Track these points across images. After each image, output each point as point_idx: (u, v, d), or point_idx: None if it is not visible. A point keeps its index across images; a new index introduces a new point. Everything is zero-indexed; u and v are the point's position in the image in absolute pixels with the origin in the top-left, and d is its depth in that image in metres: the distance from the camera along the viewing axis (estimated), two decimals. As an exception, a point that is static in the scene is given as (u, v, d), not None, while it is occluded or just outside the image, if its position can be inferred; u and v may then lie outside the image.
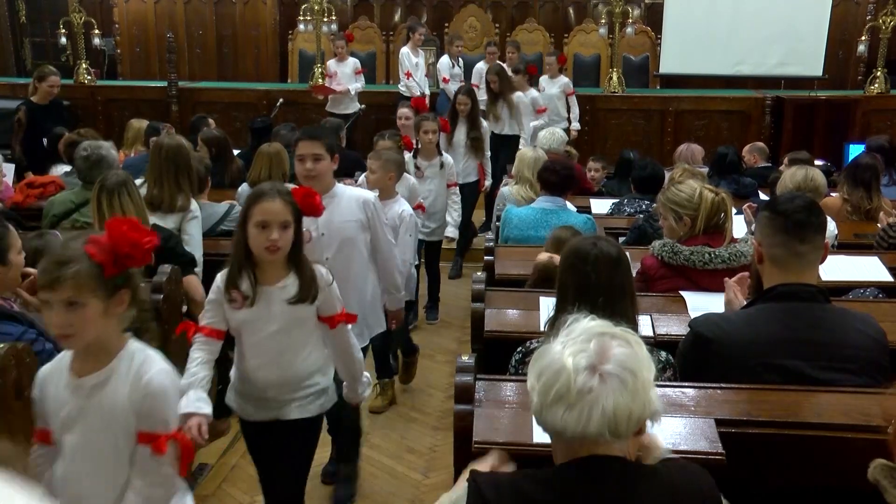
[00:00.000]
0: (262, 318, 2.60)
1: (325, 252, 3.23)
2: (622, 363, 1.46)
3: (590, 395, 1.43)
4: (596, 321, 1.55)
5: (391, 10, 10.79)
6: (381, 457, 3.81)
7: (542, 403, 1.48)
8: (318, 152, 3.23)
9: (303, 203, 2.58)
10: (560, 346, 1.50)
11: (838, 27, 9.60)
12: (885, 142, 5.69)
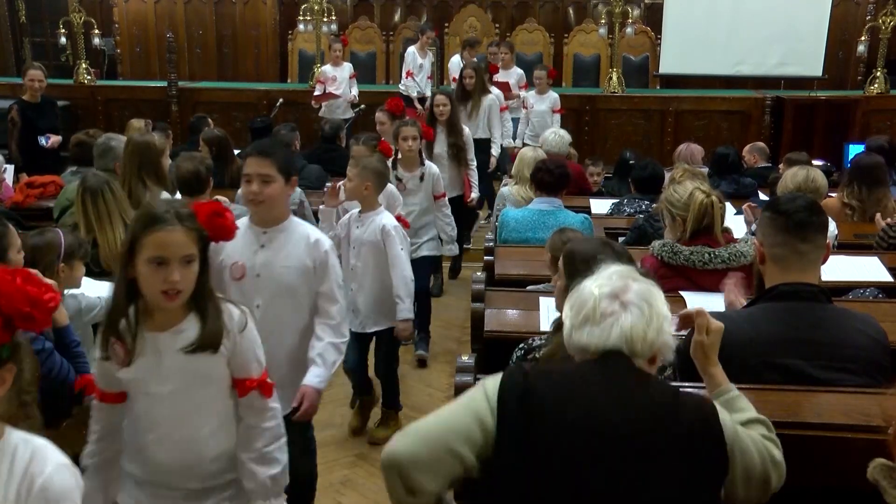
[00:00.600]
0: (151, 374, 2.00)
1: (256, 297, 2.65)
2: (641, 295, 1.71)
3: (611, 317, 1.68)
4: (622, 266, 1.82)
5: (391, 10, 10.79)
6: (379, 456, 3.81)
7: (572, 326, 1.72)
8: (268, 173, 2.62)
9: (209, 225, 2.01)
10: (590, 282, 1.76)
11: (838, 27, 9.61)
12: (884, 142, 5.69)
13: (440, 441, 1.59)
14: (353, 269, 3.82)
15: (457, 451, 1.58)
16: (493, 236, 4.14)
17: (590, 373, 1.67)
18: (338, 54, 8.06)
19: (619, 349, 1.66)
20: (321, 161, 5.92)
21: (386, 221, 3.78)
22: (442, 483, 1.60)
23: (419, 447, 1.60)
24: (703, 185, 3.11)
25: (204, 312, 2.00)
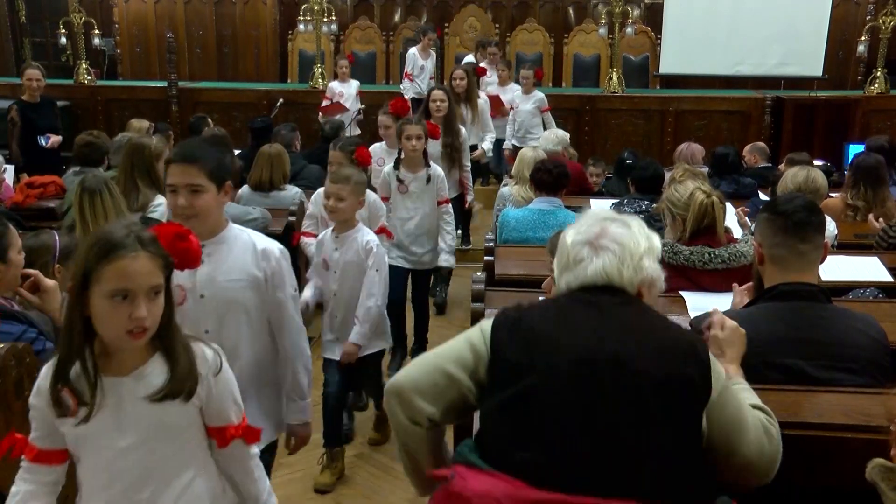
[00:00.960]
0: (109, 426, 1.71)
1: (203, 322, 2.30)
2: (615, 238, 1.74)
3: (584, 262, 1.73)
4: (600, 209, 1.87)
5: (391, 10, 10.79)
6: (380, 456, 3.81)
7: (556, 278, 1.81)
8: (196, 182, 2.26)
9: (173, 250, 1.75)
10: (569, 230, 1.81)
11: (838, 27, 9.61)
12: (884, 142, 5.69)
13: (435, 365, 1.70)
14: (335, 296, 3.55)
15: (449, 371, 1.67)
16: (493, 236, 4.13)
17: (574, 301, 1.73)
18: (344, 70, 7.89)
19: (597, 283, 1.72)
20: (321, 161, 5.91)
21: (370, 238, 3.53)
22: (440, 407, 1.67)
23: (417, 373, 1.70)
24: (703, 185, 3.11)
25: (171, 352, 1.73)
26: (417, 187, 4.58)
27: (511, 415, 1.61)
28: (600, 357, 1.60)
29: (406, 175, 4.59)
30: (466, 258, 6.46)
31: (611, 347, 1.61)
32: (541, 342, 1.65)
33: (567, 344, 1.63)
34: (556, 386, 1.59)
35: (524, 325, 1.68)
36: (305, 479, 3.56)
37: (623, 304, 1.70)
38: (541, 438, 1.56)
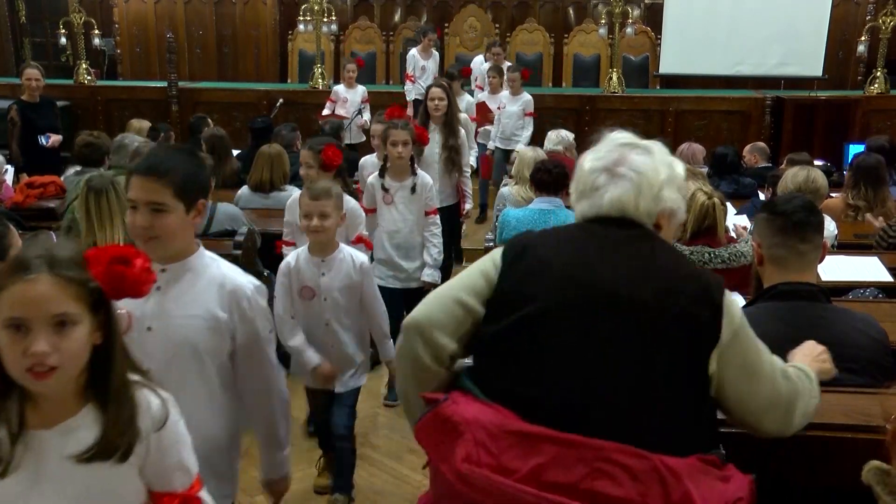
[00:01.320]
0: (25, 489, 1.42)
1: (145, 359, 1.76)
2: (634, 166, 1.67)
3: (601, 189, 1.67)
4: (622, 133, 1.76)
5: (391, 10, 10.79)
6: (381, 457, 3.81)
7: (573, 203, 1.76)
8: (160, 200, 1.91)
9: (107, 276, 1.45)
10: (588, 155, 1.75)
11: (838, 27, 9.61)
12: (885, 142, 5.70)
13: (451, 297, 1.65)
14: (327, 326, 3.20)
15: (463, 300, 1.62)
16: (493, 236, 4.13)
17: (585, 231, 1.69)
18: (351, 75, 7.65)
19: (611, 214, 1.66)
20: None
21: (360, 257, 3.24)
22: (460, 343, 1.63)
23: (435, 307, 1.65)
24: (704, 185, 3.11)
25: (107, 402, 1.44)
26: (403, 197, 4.24)
27: (507, 345, 1.56)
28: (603, 291, 1.55)
29: (391, 184, 4.25)
30: (467, 257, 6.46)
31: (616, 282, 1.55)
32: (544, 273, 1.60)
33: (570, 276, 1.58)
34: (553, 318, 1.55)
35: (529, 254, 1.64)
36: (305, 480, 3.56)
37: (635, 238, 1.64)
38: (534, 372, 1.52)
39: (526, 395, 1.50)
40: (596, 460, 1.40)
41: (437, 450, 1.50)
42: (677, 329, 1.54)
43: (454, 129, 5.11)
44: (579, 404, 1.48)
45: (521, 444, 1.43)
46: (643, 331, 1.52)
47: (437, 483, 1.54)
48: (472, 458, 1.42)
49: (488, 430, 1.44)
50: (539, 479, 1.39)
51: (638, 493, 1.38)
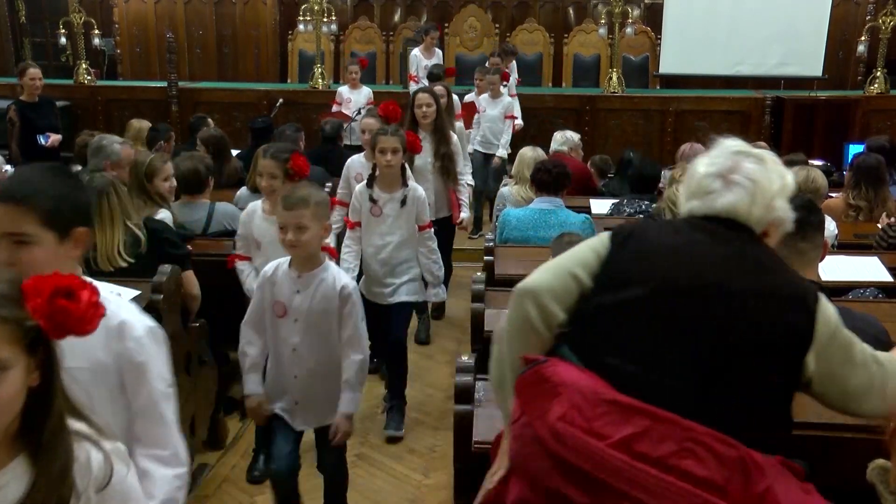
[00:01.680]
0: None
1: None
2: (748, 174, 1.70)
3: (714, 194, 1.71)
4: (735, 141, 1.80)
5: (391, 10, 10.79)
6: (381, 457, 3.81)
7: (681, 203, 1.79)
8: (22, 231, 1.62)
9: (47, 312, 1.26)
10: (701, 160, 1.80)
11: (838, 27, 9.61)
12: (885, 142, 5.69)
13: (563, 268, 1.71)
14: (295, 351, 2.82)
15: (576, 272, 1.69)
16: (492, 236, 4.14)
17: (693, 226, 1.72)
18: (354, 76, 7.45)
19: (722, 216, 1.69)
20: (320, 161, 5.92)
21: (344, 279, 2.82)
22: (565, 311, 1.68)
23: (548, 274, 1.72)
24: None
25: (39, 454, 1.26)
26: (392, 210, 3.92)
27: (608, 320, 1.63)
28: (706, 283, 1.60)
29: (380, 195, 3.92)
30: (466, 258, 6.46)
31: (718, 276, 1.60)
32: (650, 255, 1.67)
33: (677, 262, 1.64)
34: (656, 301, 1.60)
35: (637, 238, 1.71)
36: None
37: (742, 240, 1.68)
38: (632, 348, 1.58)
39: (621, 368, 1.56)
40: (685, 440, 1.44)
41: (532, 406, 1.55)
42: (771, 331, 1.58)
43: (445, 136, 4.77)
44: (671, 386, 1.53)
45: (615, 412, 1.48)
46: (740, 326, 1.57)
47: (522, 442, 1.57)
48: (566, 417, 1.48)
49: (584, 395, 1.50)
50: (629, 448, 1.44)
51: (722, 477, 1.41)
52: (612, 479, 1.41)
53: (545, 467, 1.49)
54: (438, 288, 4.11)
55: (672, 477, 1.40)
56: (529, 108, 8.06)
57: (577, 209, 4.44)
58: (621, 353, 1.58)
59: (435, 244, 4.06)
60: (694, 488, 1.39)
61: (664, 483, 1.39)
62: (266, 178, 3.53)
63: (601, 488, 1.42)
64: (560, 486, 1.46)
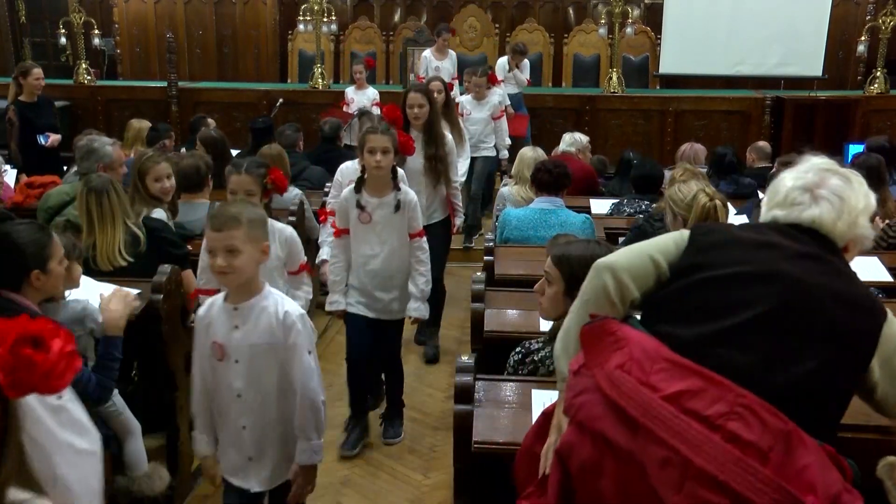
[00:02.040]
0: None
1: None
2: (835, 189, 1.76)
3: (800, 206, 1.76)
4: (822, 159, 1.85)
5: (391, 10, 10.79)
6: (381, 457, 3.81)
7: (764, 213, 1.84)
8: None
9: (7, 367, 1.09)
10: (788, 174, 1.83)
11: (838, 27, 9.62)
12: (884, 142, 5.70)
13: (644, 251, 1.79)
14: (240, 398, 2.43)
15: (655, 257, 1.77)
16: (492, 236, 4.14)
17: (776, 229, 1.77)
18: (359, 76, 7.29)
19: (804, 225, 1.75)
20: (319, 161, 5.92)
21: (288, 306, 2.41)
22: (640, 290, 1.76)
23: (629, 254, 1.80)
24: (707, 187, 3.09)
25: None
26: (383, 216, 3.59)
27: (679, 298, 1.70)
28: (782, 272, 1.65)
29: (369, 200, 3.58)
30: (466, 258, 6.46)
31: (796, 270, 1.65)
32: (728, 246, 1.74)
33: (754, 253, 1.70)
34: (729, 282, 1.66)
35: (718, 232, 1.81)
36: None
37: (822, 248, 1.73)
38: (699, 321, 1.63)
39: (687, 337, 1.62)
40: (737, 405, 1.47)
41: (594, 355, 1.60)
42: (843, 329, 1.62)
43: (437, 136, 4.43)
44: (734, 360, 1.57)
45: (672, 370, 1.53)
46: (814, 318, 1.62)
47: (579, 390, 1.61)
48: (625, 367, 1.54)
49: (646, 351, 1.56)
50: (679, 403, 1.48)
51: (766, 444, 1.43)
52: (657, 427, 1.45)
53: (596, 413, 1.53)
54: (420, 303, 3.67)
55: (717, 436, 1.44)
56: (530, 108, 8.07)
57: (578, 209, 4.45)
58: (688, 325, 1.64)
59: (426, 255, 3.70)
60: (735, 448, 1.42)
61: (706, 438, 1.43)
62: (241, 196, 3.14)
63: (644, 435, 1.46)
64: (606, 430, 1.51)
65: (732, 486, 1.38)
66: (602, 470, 1.51)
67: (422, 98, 4.42)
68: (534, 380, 2.42)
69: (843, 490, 1.44)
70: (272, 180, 3.22)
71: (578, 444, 1.55)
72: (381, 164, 3.48)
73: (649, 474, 1.44)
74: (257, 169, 3.21)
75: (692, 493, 1.40)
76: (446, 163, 4.47)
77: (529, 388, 2.33)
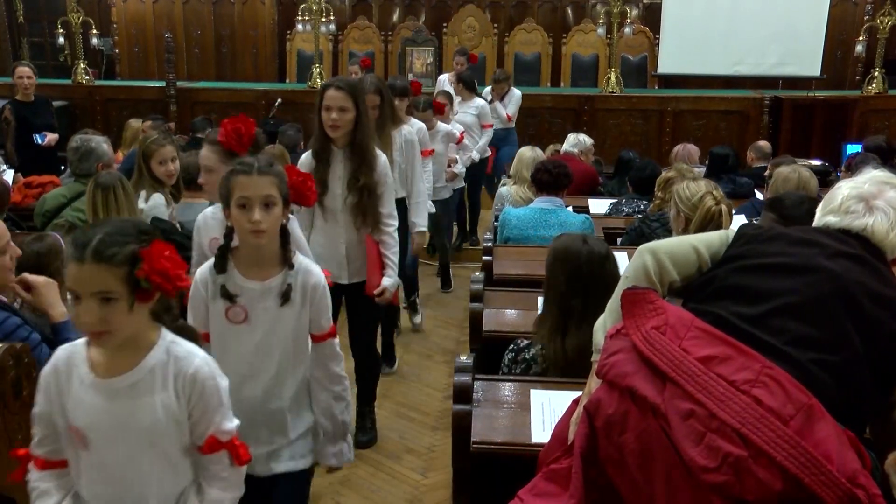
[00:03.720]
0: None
1: None
2: (890, 202, 1.80)
3: (854, 214, 1.80)
4: (883, 172, 1.89)
5: (389, 10, 10.79)
6: (379, 457, 3.81)
7: (818, 219, 1.88)
8: None
9: None
10: (845, 183, 1.88)
11: (836, 27, 9.62)
12: (882, 142, 5.71)
13: (687, 241, 1.90)
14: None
15: (697, 247, 1.86)
16: (491, 236, 4.14)
17: (825, 232, 1.81)
18: (355, 77, 6.71)
19: (856, 232, 1.78)
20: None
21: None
22: (680, 274, 1.86)
23: (671, 241, 1.93)
24: (716, 190, 3.07)
25: None
26: (266, 311, 2.24)
27: (717, 283, 1.76)
28: (823, 267, 1.68)
29: (243, 285, 2.22)
30: (465, 258, 6.46)
31: (835, 268, 1.68)
32: (771, 242, 1.79)
33: (796, 248, 1.74)
34: (767, 271, 1.71)
35: (764, 230, 1.88)
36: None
37: (871, 253, 1.75)
38: (735, 302, 1.69)
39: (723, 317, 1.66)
40: (763, 374, 1.50)
41: (633, 317, 1.66)
42: (879, 329, 1.65)
43: (366, 157, 3.28)
44: (766, 342, 1.60)
45: (704, 336, 1.58)
46: (847, 314, 1.63)
47: (613, 350, 1.65)
48: (660, 329, 1.60)
49: (682, 319, 1.62)
50: (707, 365, 1.52)
51: (787, 413, 1.45)
52: (685, 381, 1.49)
53: (628, 370, 1.57)
54: (341, 445, 2.42)
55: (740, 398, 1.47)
56: (528, 108, 8.05)
57: (576, 209, 4.45)
58: (724, 306, 1.69)
59: (339, 365, 2.36)
60: (758, 407, 1.45)
61: (732, 395, 1.46)
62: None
63: (671, 389, 1.50)
64: (635, 385, 1.54)
65: (752, 439, 1.41)
66: (626, 424, 1.54)
67: (344, 98, 3.19)
68: (532, 380, 2.43)
69: (860, 472, 1.45)
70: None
71: (606, 400, 1.58)
72: (260, 226, 2.12)
73: (672, 427, 1.47)
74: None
75: (712, 444, 1.42)
76: (376, 196, 3.32)
77: (528, 388, 2.34)
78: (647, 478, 1.50)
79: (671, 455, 1.46)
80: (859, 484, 1.41)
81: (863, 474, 1.44)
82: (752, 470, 1.40)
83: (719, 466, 1.41)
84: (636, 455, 1.51)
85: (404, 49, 8.87)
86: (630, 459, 1.52)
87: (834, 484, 1.39)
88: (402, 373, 4.62)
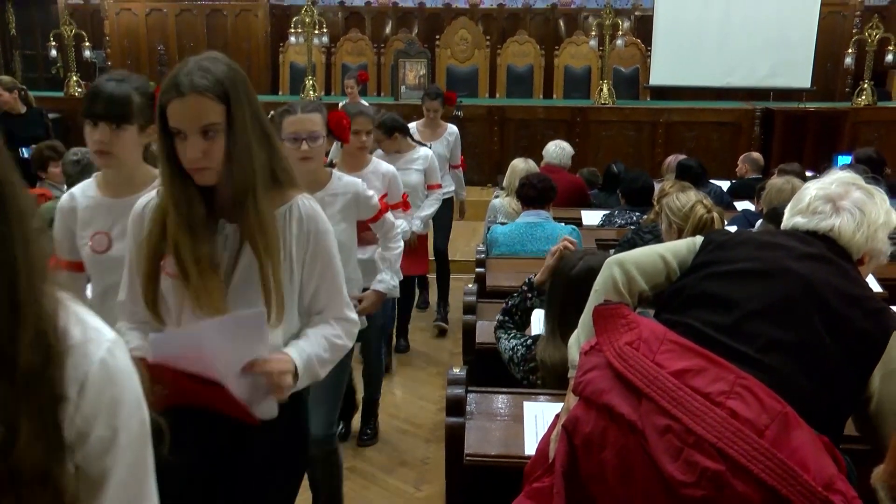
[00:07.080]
0: None
1: None
2: (857, 202, 1.81)
3: (821, 215, 1.82)
4: (849, 173, 1.90)
5: (382, 23, 10.83)
6: (373, 469, 3.80)
7: (786, 220, 1.90)
8: None
9: None
10: (813, 183, 1.90)
11: (826, 39, 9.69)
12: (872, 153, 5.75)
13: (654, 250, 1.91)
14: None
15: (665, 256, 1.88)
16: (483, 248, 4.14)
17: (793, 235, 1.83)
18: (351, 91, 6.62)
19: (822, 233, 1.80)
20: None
21: None
22: (648, 284, 1.87)
23: (638, 254, 1.92)
24: (706, 199, 3.09)
25: None
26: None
27: (686, 292, 1.77)
28: (789, 269, 1.69)
29: None
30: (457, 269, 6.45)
31: (803, 269, 1.70)
32: (738, 247, 1.80)
33: (762, 252, 1.76)
34: (734, 277, 1.72)
35: (731, 236, 1.89)
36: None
37: (836, 254, 1.76)
38: (705, 311, 1.69)
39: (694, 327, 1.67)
40: (737, 385, 1.51)
41: (606, 333, 1.66)
42: (847, 329, 1.65)
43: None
44: (735, 349, 1.61)
45: (677, 350, 1.58)
46: (816, 316, 1.64)
47: (588, 368, 1.65)
48: (633, 344, 1.60)
49: (654, 333, 1.62)
50: (682, 379, 1.52)
51: (762, 423, 1.46)
52: (660, 397, 1.49)
53: (603, 387, 1.57)
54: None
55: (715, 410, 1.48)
56: (521, 120, 8.09)
57: (568, 221, 4.46)
58: (696, 316, 1.70)
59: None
60: (733, 420, 1.45)
61: (706, 409, 1.47)
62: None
63: (647, 405, 1.50)
64: (611, 402, 1.54)
65: (729, 453, 1.41)
66: (605, 441, 1.54)
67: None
68: (526, 392, 2.43)
69: (836, 477, 1.46)
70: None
71: (584, 418, 1.58)
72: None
73: (649, 443, 1.47)
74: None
75: (689, 459, 1.43)
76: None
77: (521, 401, 2.33)
78: (628, 494, 1.50)
79: (650, 471, 1.47)
80: (836, 489, 1.42)
81: (840, 479, 1.45)
82: (730, 483, 1.40)
83: (698, 481, 1.41)
84: (616, 471, 1.52)
85: (397, 61, 8.90)
86: (610, 476, 1.52)
87: (810, 493, 1.40)
88: (396, 385, 4.61)
